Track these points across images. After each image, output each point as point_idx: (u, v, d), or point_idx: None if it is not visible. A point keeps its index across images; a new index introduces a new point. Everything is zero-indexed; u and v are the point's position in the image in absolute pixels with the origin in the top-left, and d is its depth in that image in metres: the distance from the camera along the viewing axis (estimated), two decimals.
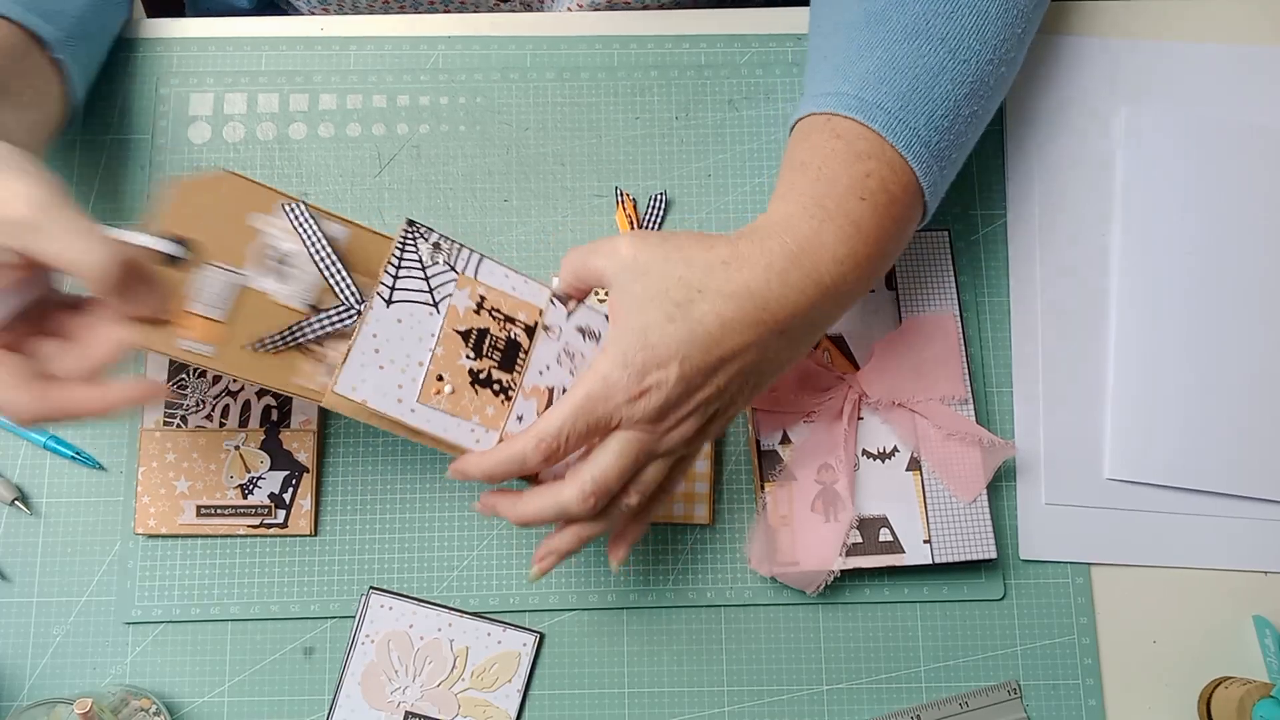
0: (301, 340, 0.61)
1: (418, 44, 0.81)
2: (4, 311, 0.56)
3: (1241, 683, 0.70)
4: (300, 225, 0.62)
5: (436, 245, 0.64)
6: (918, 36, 0.66)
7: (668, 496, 0.65)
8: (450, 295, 0.64)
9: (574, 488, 0.60)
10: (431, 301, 0.64)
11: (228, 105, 0.80)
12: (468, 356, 0.63)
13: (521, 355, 0.64)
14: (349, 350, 0.61)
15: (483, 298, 0.64)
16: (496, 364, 0.64)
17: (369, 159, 0.79)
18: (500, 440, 0.63)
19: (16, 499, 0.73)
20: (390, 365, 0.62)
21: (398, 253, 0.64)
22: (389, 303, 0.63)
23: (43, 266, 0.55)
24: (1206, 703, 0.71)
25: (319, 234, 0.63)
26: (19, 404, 0.55)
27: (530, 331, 0.65)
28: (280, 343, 0.60)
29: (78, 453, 0.73)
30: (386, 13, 0.83)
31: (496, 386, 0.64)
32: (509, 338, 0.64)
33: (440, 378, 0.62)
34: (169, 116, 0.79)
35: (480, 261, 0.65)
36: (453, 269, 0.64)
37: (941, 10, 0.67)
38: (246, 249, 0.61)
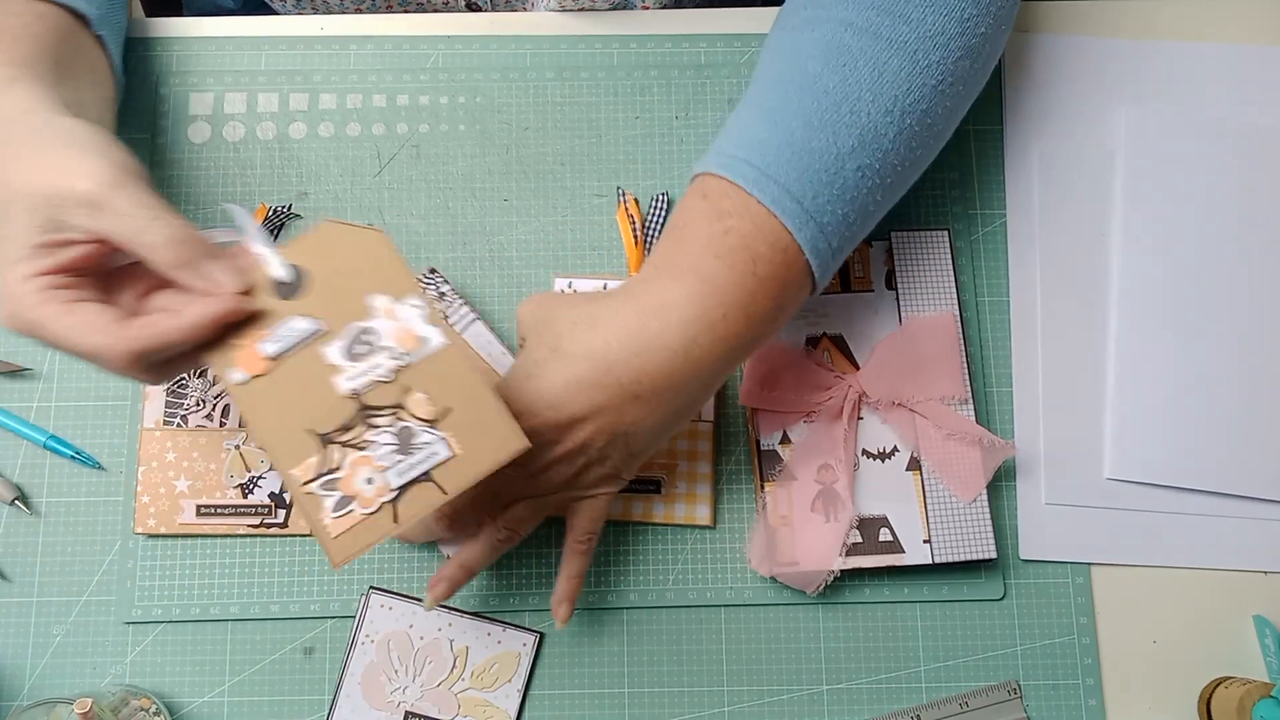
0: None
1: (418, 44, 0.81)
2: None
3: (1241, 683, 0.70)
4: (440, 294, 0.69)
5: (442, 295, 0.71)
6: (802, 90, 0.65)
7: (591, 538, 0.68)
8: None
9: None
10: None
11: (228, 105, 0.80)
12: None
13: None
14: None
15: None
16: None
17: (369, 158, 0.79)
18: None
19: (16, 499, 0.73)
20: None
21: None
22: None
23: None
24: (1206, 703, 0.71)
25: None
26: (110, 345, 0.55)
27: None
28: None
29: (78, 452, 0.73)
30: (359, 12, 0.83)
31: None
32: None
33: None
34: (169, 116, 0.79)
35: (472, 323, 0.71)
36: (445, 318, 0.70)
37: (831, 64, 0.65)
38: (347, 317, 0.59)
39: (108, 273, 0.58)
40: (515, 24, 0.82)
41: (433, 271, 0.69)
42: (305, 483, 0.57)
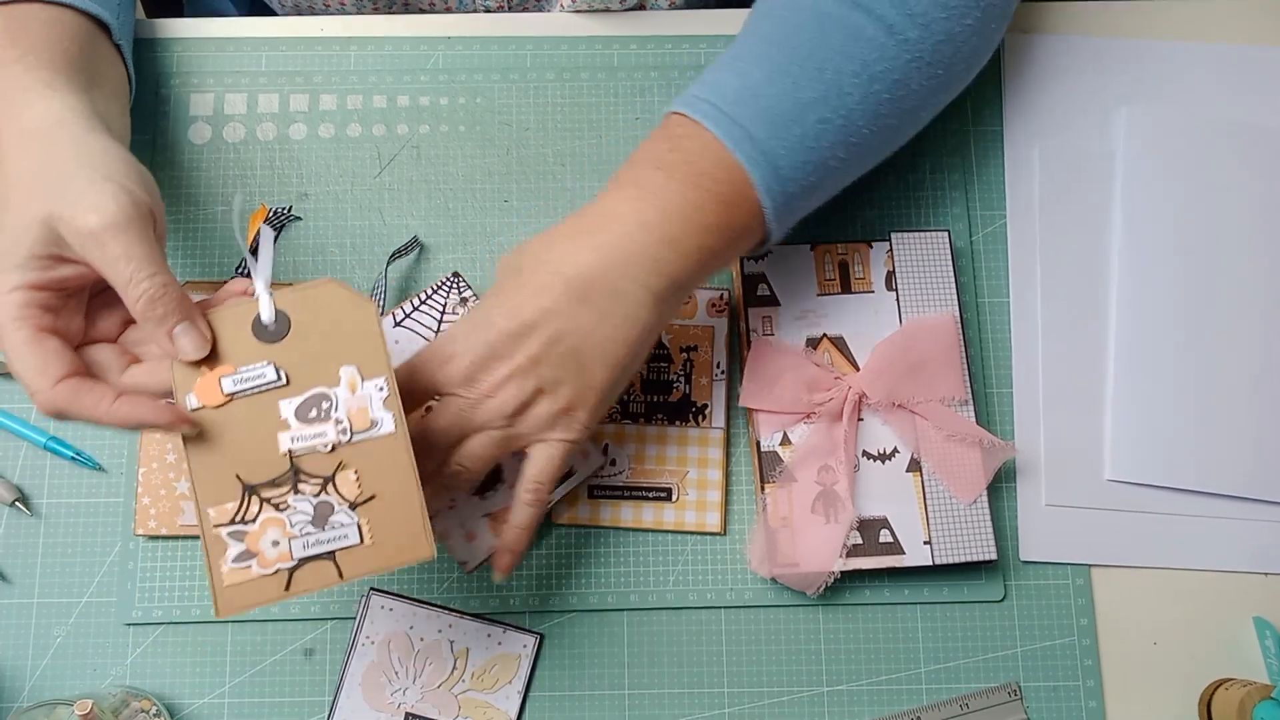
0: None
1: (418, 44, 0.81)
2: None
3: (1242, 684, 0.70)
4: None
5: (464, 300, 0.71)
6: (772, 45, 0.67)
7: (540, 488, 0.66)
8: None
9: None
10: (433, 339, 0.67)
11: (228, 105, 0.79)
12: None
13: None
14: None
15: None
16: None
17: (369, 159, 0.79)
18: None
19: (17, 500, 0.73)
20: None
21: (429, 290, 0.70)
22: (396, 324, 0.70)
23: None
24: (1207, 704, 0.71)
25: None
26: (43, 397, 0.56)
27: None
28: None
29: (78, 453, 0.73)
30: (359, 13, 0.83)
31: None
32: None
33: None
34: (169, 117, 0.79)
35: None
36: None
37: (806, 26, 0.67)
38: (313, 378, 0.59)
39: (101, 291, 0.60)
40: (515, 25, 0.82)
41: (456, 275, 0.70)
42: (218, 525, 0.57)
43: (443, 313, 0.70)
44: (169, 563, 0.73)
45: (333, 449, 0.58)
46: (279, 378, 0.59)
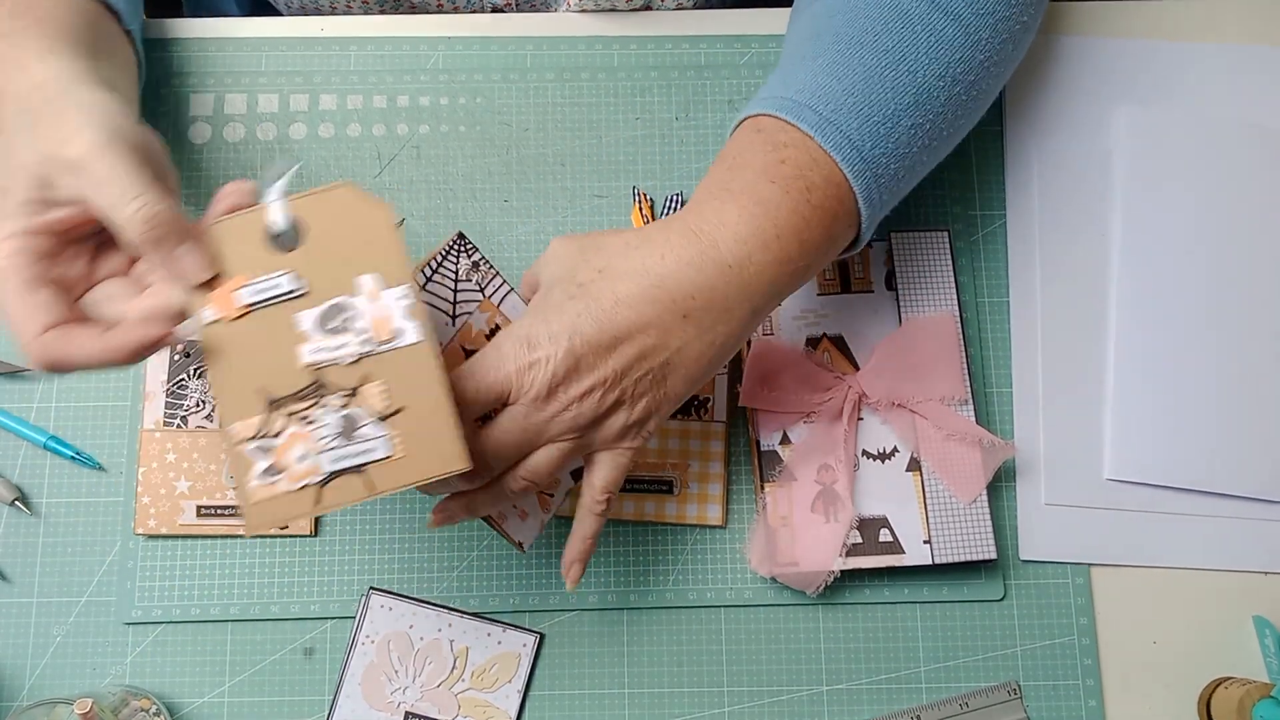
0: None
1: (418, 44, 0.81)
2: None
3: (1241, 683, 0.70)
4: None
5: (476, 265, 0.64)
6: (862, 46, 0.65)
7: (609, 498, 0.64)
8: (470, 314, 0.62)
9: None
10: (451, 314, 0.62)
11: (228, 106, 0.80)
12: None
13: None
14: None
15: (497, 326, 0.63)
16: None
17: (369, 159, 0.79)
18: None
19: (16, 499, 0.73)
20: None
21: (439, 258, 0.63)
22: None
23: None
24: (1206, 703, 0.71)
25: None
26: (32, 348, 0.55)
27: None
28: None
29: (78, 453, 0.73)
30: (366, 12, 0.83)
31: None
32: None
33: None
34: (169, 117, 0.79)
35: (508, 294, 0.65)
36: (481, 291, 0.63)
37: (891, 26, 0.66)
38: (331, 288, 0.57)
39: (103, 240, 0.58)
40: (515, 25, 0.82)
41: (461, 237, 0.63)
42: (241, 440, 0.56)
43: (456, 280, 0.64)
44: (169, 562, 0.73)
45: (356, 360, 0.56)
46: (296, 288, 0.57)
